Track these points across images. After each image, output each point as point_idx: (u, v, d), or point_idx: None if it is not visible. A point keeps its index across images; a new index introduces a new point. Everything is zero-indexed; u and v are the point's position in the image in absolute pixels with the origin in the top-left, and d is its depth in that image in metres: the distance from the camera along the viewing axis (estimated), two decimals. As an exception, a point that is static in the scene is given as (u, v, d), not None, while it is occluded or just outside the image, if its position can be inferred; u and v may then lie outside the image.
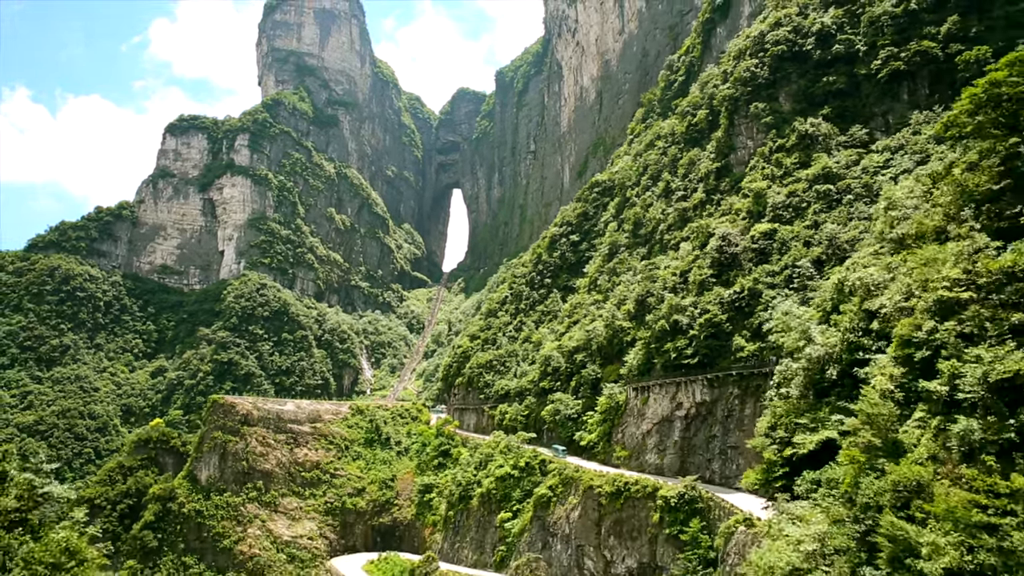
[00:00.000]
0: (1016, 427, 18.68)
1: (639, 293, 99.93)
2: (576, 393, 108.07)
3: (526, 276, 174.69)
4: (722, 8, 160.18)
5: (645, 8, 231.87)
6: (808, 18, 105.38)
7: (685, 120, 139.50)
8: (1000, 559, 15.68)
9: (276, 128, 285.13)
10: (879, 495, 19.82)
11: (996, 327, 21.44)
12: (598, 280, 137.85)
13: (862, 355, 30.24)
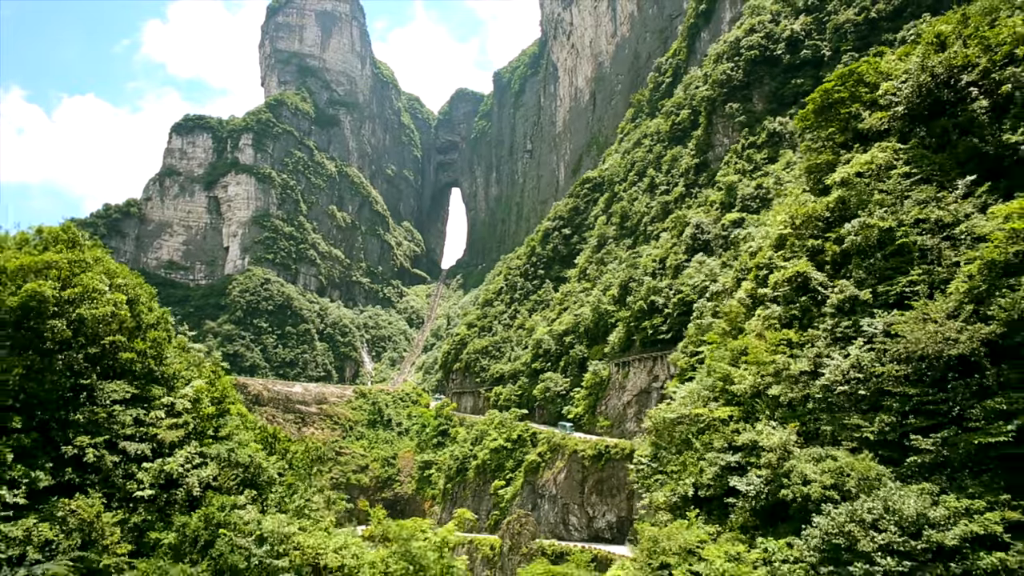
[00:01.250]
0: (799, 307, 27.86)
1: (622, 279, 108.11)
2: (565, 372, 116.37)
3: (520, 268, 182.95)
4: (705, 14, 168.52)
5: (636, 12, 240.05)
6: (780, 25, 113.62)
7: (669, 119, 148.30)
8: (780, 381, 24.43)
9: (279, 128, 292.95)
10: (723, 359, 29.67)
11: (802, 249, 31.30)
12: (587, 270, 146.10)
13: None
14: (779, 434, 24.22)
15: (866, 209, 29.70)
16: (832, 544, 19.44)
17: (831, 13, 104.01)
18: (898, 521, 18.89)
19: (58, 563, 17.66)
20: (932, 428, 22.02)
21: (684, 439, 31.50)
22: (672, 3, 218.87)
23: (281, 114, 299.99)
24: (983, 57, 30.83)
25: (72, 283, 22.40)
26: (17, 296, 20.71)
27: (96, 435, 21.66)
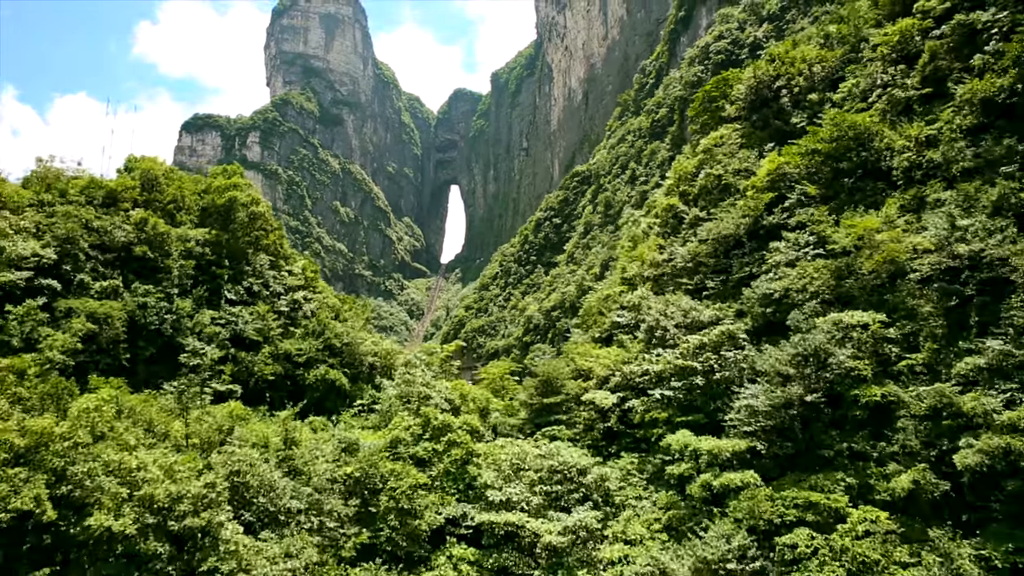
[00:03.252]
0: (670, 226, 46.86)
1: (603, 258, 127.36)
2: (552, 343, 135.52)
3: (514, 255, 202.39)
4: (684, 20, 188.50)
5: (626, 17, 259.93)
6: (745, 32, 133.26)
7: (650, 117, 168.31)
8: (650, 267, 43.37)
9: (285, 126, 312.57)
10: (625, 261, 48.35)
11: (677, 192, 50.05)
12: (574, 254, 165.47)
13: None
14: (641, 292, 43.17)
15: (710, 166, 48.75)
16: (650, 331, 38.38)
17: (789, 22, 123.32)
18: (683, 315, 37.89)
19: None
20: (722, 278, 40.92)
21: (598, 311, 50.60)
22: (659, 8, 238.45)
23: (287, 113, 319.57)
24: (791, 69, 49.85)
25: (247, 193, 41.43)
26: (223, 198, 39.65)
27: (257, 279, 40.18)
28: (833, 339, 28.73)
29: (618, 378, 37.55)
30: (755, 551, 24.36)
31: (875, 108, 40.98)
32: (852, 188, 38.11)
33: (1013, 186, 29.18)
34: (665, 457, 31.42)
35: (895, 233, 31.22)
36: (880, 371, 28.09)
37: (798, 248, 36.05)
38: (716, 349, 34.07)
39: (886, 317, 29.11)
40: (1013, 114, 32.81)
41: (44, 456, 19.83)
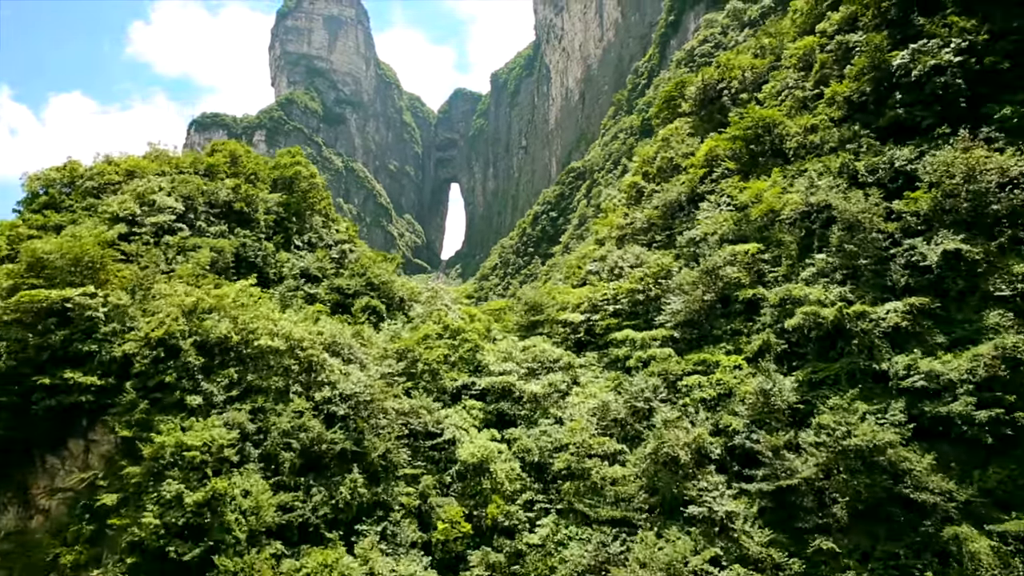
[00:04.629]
0: (633, 199, 61.04)
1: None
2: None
3: (513, 247, 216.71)
4: (673, 24, 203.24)
5: (621, 19, 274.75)
6: (727, 36, 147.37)
7: (641, 116, 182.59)
8: (616, 229, 57.63)
9: (290, 125, 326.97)
10: (598, 226, 63.30)
11: (639, 173, 64.23)
12: (569, 245, 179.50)
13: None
14: (607, 247, 57.41)
15: (663, 150, 63.00)
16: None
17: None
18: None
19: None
20: (667, 233, 55.21)
21: (576, 266, 64.98)
22: (652, 11, 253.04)
23: (292, 112, 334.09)
24: (731, 74, 64.06)
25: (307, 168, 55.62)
26: (290, 171, 53.82)
27: (314, 233, 54.41)
28: (726, 261, 42.92)
29: (586, 304, 51.69)
30: (663, 389, 38.47)
31: (784, 104, 55.22)
32: (760, 163, 52.31)
33: (850, 157, 43.42)
34: (615, 350, 45.53)
35: (776, 191, 45.40)
36: (755, 280, 42.26)
37: (716, 206, 50.29)
38: (655, 277, 48.22)
39: (763, 246, 43.31)
40: (865, 108, 46.96)
41: (224, 306, 33.82)
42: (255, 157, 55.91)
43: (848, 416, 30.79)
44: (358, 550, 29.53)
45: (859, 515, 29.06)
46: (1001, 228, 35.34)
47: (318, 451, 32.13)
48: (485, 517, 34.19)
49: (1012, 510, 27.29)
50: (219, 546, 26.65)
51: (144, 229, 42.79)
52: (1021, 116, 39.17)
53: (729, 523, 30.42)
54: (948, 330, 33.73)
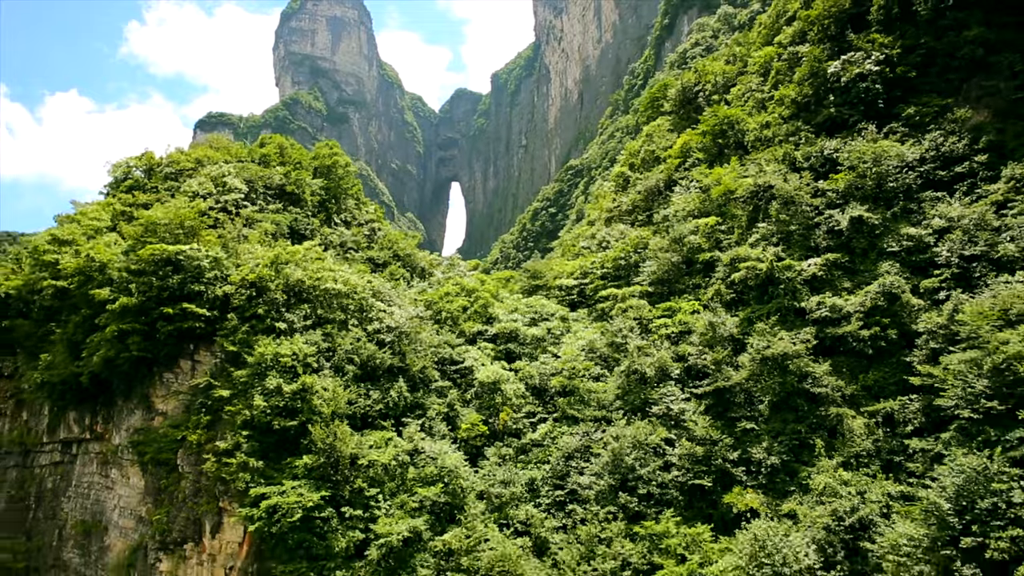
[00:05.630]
0: (620, 186, 71.86)
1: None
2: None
3: (513, 241, 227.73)
4: (668, 27, 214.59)
5: (618, 21, 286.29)
6: (718, 39, 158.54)
7: (636, 115, 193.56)
8: (604, 212, 68.28)
9: (294, 124, 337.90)
10: (590, 210, 74.27)
11: (626, 164, 75.19)
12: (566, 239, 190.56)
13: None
14: (597, 227, 68.40)
15: (647, 144, 74.11)
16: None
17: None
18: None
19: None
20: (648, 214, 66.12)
21: (571, 244, 76.05)
22: (648, 14, 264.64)
23: (296, 112, 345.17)
24: (706, 78, 75.15)
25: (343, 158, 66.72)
26: (328, 161, 64.81)
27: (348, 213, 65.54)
28: (690, 232, 53.93)
29: (578, 272, 62.68)
30: (637, 328, 49.41)
31: (747, 105, 66.26)
32: (725, 154, 63.33)
33: (791, 147, 54.46)
34: (601, 304, 56.50)
35: (733, 175, 56.39)
36: (713, 245, 53.27)
37: (686, 189, 61.34)
38: (635, 247, 59.22)
39: (720, 219, 54.33)
40: (808, 108, 57.93)
41: (297, 259, 44.83)
42: (298, 148, 66.88)
43: (770, 337, 41.73)
44: (405, 433, 40.48)
45: (775, 406, 40.01)
46: (897, 200, 46.39)
47: (372, 365, 43.03)
48: (497, 422, 45.14)
49: (880, 398, 38.19)
50: (309, 421, 37.51)
51: (220, 204, 53.73)
52: (922, 115, 50.22)
53: (681, 417, 41.40)
54: (853, 278, 44.73)
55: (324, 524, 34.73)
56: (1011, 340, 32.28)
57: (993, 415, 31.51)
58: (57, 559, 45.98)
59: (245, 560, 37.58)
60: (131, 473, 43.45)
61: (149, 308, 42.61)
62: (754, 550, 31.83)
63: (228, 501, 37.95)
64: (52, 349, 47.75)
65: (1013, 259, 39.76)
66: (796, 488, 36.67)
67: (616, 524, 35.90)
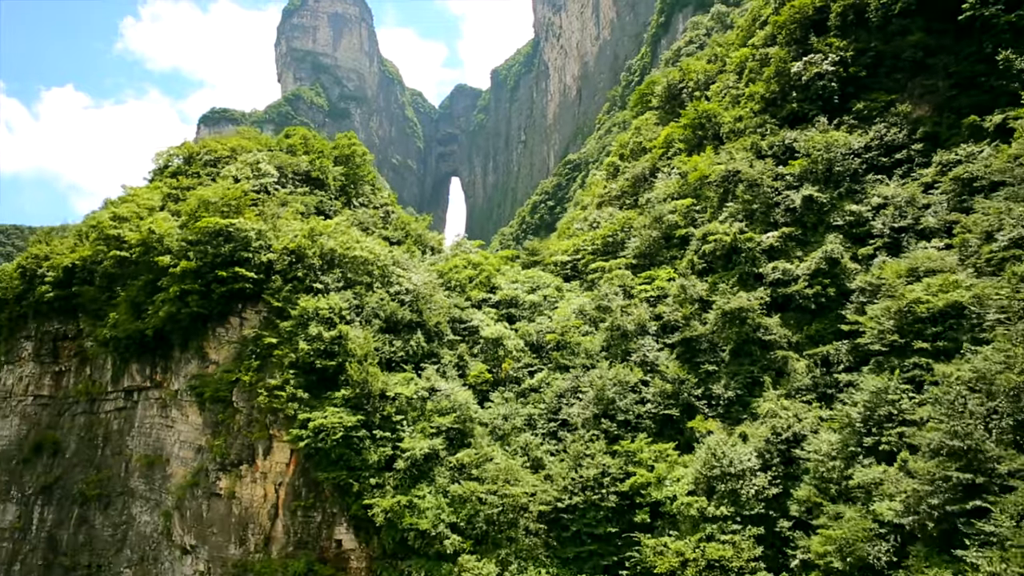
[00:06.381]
0: (611, 174, 79.97)
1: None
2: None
3: (512, 234, 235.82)
4: (664, 25, 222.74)
5: (616, 19, 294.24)
6: (711, 37, 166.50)
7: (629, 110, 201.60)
8: (595, 197, 76.51)
9: (296, 120, 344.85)
10: (583, 195, 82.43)
11: (617, 154, 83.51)
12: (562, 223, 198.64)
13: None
14: (591, 211, 76.56)
15: (635, 136, 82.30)
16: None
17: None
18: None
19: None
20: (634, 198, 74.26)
21: (566, 227, 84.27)
22: (646, 11, 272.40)
23: (298, 107, 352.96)
24: (689, 75, 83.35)
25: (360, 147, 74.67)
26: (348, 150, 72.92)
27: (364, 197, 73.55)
28: (669, 211, 62.18)
29: (572, 249, 70.90)
30: (620, 292, 57.61)
31: (724, 100, 74.45)
32: (703, 144, 71.48)
33: (757, 138, 62.67)
34: (591, 275, 64.70)
35: (708, 162, 64.58)
36: (689, 223, 61.53)
37: (668, 175, 69.57)
38: (621, 226, 67.44)
39: (695, 200, 62.58)
40: (775, 103, 66.09)
41: (329, 232, 53.08)
42: (320, 139, 75.12)
43: (731, 296, 49.94)
44: (423, 375, 48.76)
45: (733, 352, 48.25)
46: (843, 182, 54.61)
47: (394, 320, 51.28)
48: (500, 372, 53.39)
49: (819, 344, 46.41)
50: (345, 361, 45.71)
51: (257, 187, 61.91)
52: (870, 109, 58.46)
53: (655, 363, 49.69)
54: (804, 248, 52.99)
55: (359, 442, 42.99)
56: (916, 290, 40.55)
57: (897, 347, 39.82)
58: (125, 487, 54.24)
59: (291, 476, 45.86)
60: (190, 412, 51.69)
61: (205, 272, 50.77)
62: (707, 457, 40.14)
63: (277, 429, 46.21)
64: (116, 310, 55.97)
65: (933, 230, 48.09)
66: (748, 416, 44.94)
67: (598, 444, 44.16)
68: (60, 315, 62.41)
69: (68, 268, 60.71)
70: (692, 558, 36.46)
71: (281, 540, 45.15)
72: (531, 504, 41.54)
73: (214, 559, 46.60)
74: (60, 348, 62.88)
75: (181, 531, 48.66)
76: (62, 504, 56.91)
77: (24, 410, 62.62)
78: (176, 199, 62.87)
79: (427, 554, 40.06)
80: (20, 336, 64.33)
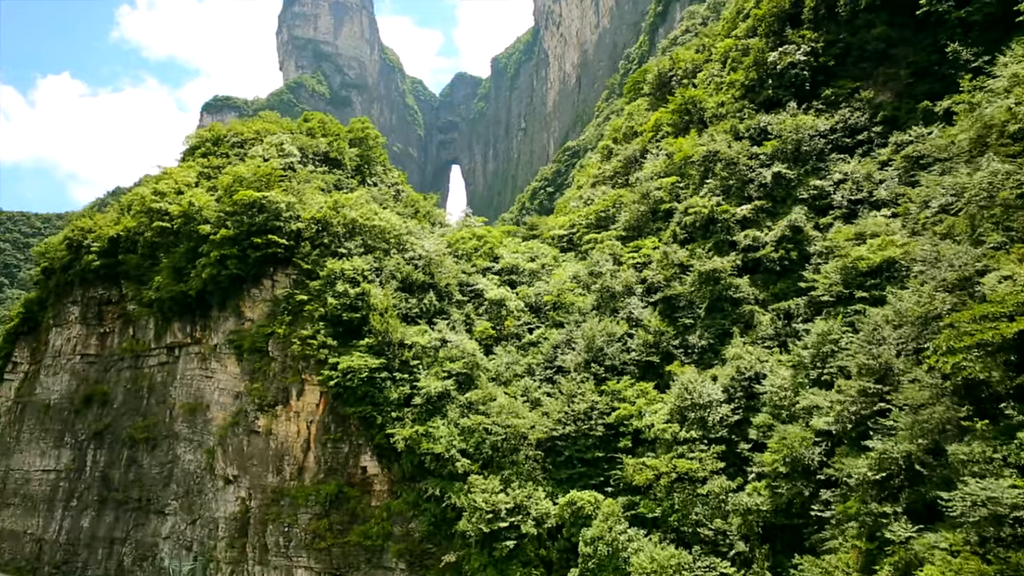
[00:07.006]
0: (605, 158, 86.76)
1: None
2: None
3: (512, 219, 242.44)
4: (661, 14, 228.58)
5: (615, 7, 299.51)
6: (707, 27, 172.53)
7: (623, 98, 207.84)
8: (588, 178, 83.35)
9: (298, 108, 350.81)
10: (579, 177, 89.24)
11: (610, 138, 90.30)
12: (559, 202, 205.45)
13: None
14: (586, 190, 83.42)
15: (628, 122, 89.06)
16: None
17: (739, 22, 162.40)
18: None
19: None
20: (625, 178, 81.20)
21: (563, 205, 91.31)
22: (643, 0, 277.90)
23: (300, 95, 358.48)
24: (678, 64, 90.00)
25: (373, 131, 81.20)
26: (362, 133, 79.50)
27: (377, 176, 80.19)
28: (655, 188, 69.17)
29: (568, 224, 77.91)
30: (610, 259, 64.66)
31: (709, 87, 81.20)
32: (689, 128, 78.33)
33: (736, 121, 69.57)
34: (584, 246, 71.71)
35: (691, 143, 71.47)
36: (673, 198, 68.54)
37: (655, 156, 76.49)
38: (613, 203, 74.41)
39: (679, 178, 69.57)
40: (753, 90, 72.88)
41: (351, 203, 60.06)
42: (336, 123, 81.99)
43: (707, 260, 56.99)
44: (436, 328, 55.95)
45: (708, 308, 55.42)
46: (810, 160, 61.54)
47: (409, 281, 58.44)
48: (503, 329, 60.58)
49: (782, 300, 53.49)
50: (368, 314, 52.84)
51: (282, 164, 68.87)
52: (837, 95, 65.27)
53: (639, 318, 56.84)
54: (773, 219, 60.00)
55: (382, 382, 50.22)
56: (860, 250, 47.65)
57: (843, 298, 46.98)
58: (170, 431, 61.55)
59: (321, 414, 53.14)
60: (228, 364, 58.91)
61: (241, 239, 57.83)
62: (681, 391, 47.38)
63: (308, 373, 53.43)
64: (159, 275, 63.05)
65: (884, 201, 55.08)
66: (718, 362, 52.15)
67: (588, 384, 51.41)
68: (104, 282, 69.48)
69: (113, 239, 67.76)
70: (665, 471, 43.76)
71: (313, 469, 52.47)
72: (530, 434, 48.79)
73: (254, 487, 53.94)
74: (105, 312, 70.00)
75: (224, 464, 55.97)
76: (112, 447, 64.24)
77: (73, 367, 69.84)
78: (208, 176, 69.83)
79: (441, 474, 47.34)
80: (67, 301, 71.42)
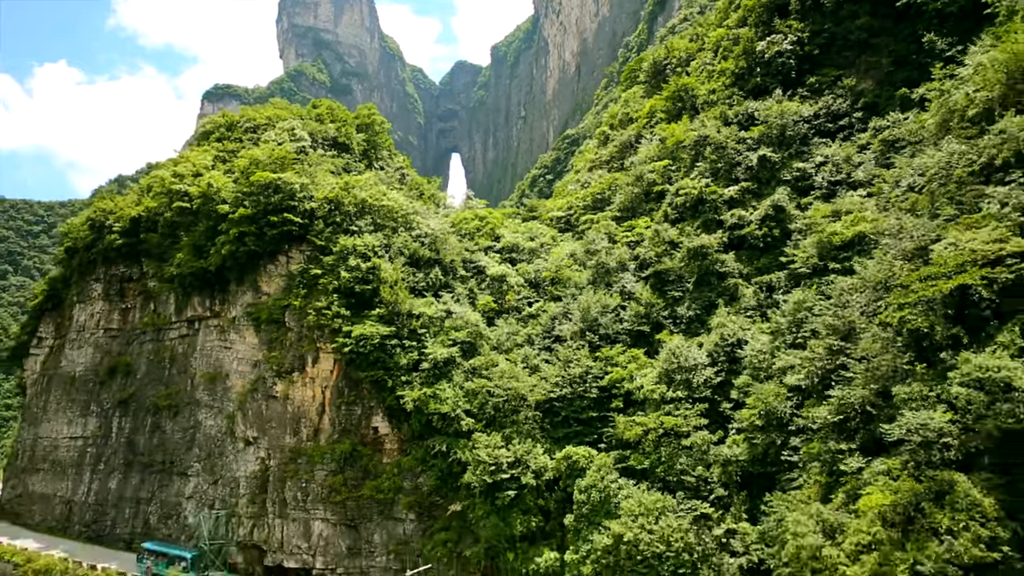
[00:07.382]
0: (601, 143, 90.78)
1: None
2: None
3: (512, 206, 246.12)
4: (660, 2, 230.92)
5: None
6: (704, 15, 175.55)
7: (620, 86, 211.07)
8: (585, 162, 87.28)
9: (299, 96, 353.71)
10: (576, 162, 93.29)
11: (607, 124, 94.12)
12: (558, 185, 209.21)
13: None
14: (583, 174, 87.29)
15: (624, 109, 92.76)
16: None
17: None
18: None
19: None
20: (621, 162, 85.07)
21: (562, 188, 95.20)
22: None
23: (300, 83, 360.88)
24: (673, 53, 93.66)
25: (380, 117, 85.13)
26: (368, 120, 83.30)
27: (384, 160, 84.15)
28: (648, 171, 73.12)
29: (566, 206, 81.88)
30: (605, 237, 68.70)
31: (701, 75, 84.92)
32: (681, 114, 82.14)
33: (725, 107, 73.40)
34: (581, 227, 75.72)
35: (683, 129, 75.33)
36: (665, 181, 72.48)
37: (649, 141, 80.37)
38: (609, 186, 78.36)
39: (671, 161, 73.51)
40: (742, 78, 76.63)
41: (361, 185, 64.20)
42: (343, 109, 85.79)
43: (695, 237, 61.04)
44: (441, 300, 60.09)
45: (696, 282, 59.56)
46: (793, 144, 65.48)
47: (416, 256, 62.56)
48: (504, 302, 64.73)
49: (765, 275, 57.58)
50: (379, 286, 56.96)
51: (295, 148, 72.77)
52: (820, 83, 69.11)
53: (632, 291, 60.98)
54: (758, 199, 63.99)
55: (392, 348, 54.44)
56: (835, 226, 51.72)
57: (818, 270, 51.10)
58: (191, 398, 65.81)
59: (335, 380, 57.37)
60: (246, 335, 63.09)
61: (258, 218, 61.85)
62: (668, 356, 51.59)
63: (323, 342, 57.62)
64: (179, 252, 67.09)
65: (861, 182, 59.08)
66: (705, 331, 56.32)
67: (583, 351, 55.64)
68: (126, 260, 73.55)
69: (134, 219, 71.77)
70: (653, 427, 48.03)
71: (327, 430, 56.79)
72: (529, 396, 53.06)
73: (273, 447, 58.27)
74: (126, 288, 74.12)
75: (244, 427, 60.30)
76: (137, 415, 68.55)
77: (96, 341, 74.04)
78: (224, 159, 73.74)
79: (448, 432, 51.64)
80: (90, 279, 75.52)
